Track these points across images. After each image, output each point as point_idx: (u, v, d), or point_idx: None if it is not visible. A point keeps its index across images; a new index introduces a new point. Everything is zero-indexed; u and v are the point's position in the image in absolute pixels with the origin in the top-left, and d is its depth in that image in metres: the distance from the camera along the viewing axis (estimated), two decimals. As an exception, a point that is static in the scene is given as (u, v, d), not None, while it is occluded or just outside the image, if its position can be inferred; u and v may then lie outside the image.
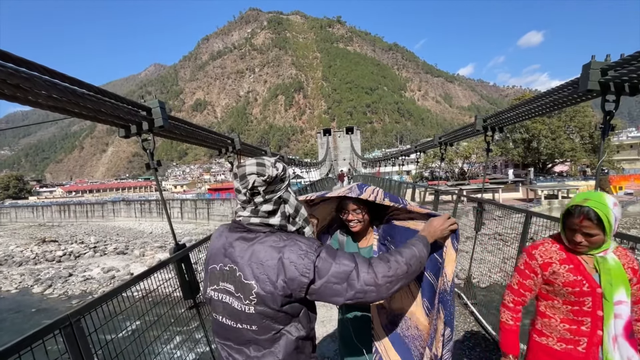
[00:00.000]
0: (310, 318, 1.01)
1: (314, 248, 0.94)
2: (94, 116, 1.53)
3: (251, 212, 0.99)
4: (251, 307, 0.93)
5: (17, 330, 13.25)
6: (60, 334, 1.01)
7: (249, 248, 0.95)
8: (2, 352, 0.84)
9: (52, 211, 50.59)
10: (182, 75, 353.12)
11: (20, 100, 1.21)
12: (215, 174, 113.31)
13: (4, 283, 19.77)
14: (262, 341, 0.95)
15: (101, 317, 1.29)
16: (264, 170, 0.97)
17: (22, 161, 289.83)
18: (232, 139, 3.09)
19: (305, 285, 0.91)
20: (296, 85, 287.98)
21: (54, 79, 1.22)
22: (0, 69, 1.02)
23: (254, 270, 0.92)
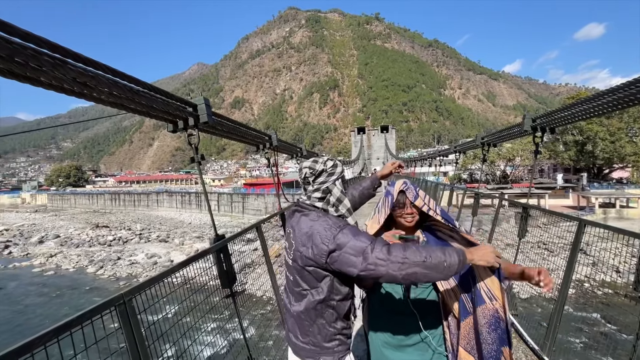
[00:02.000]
0: (334, 289, 1.19)
1: (338, 224, 1.16)
2: (146, 112, 1.65)
3: (306, 197, 1.31)
4: (290, 260, 1.25)
5: (74, 305, 14.70)
6: (115, 311, 1.11)
7: (299, 218, 1.26)
8: (68, 322, 0.93)
9: (104, 199, 55.31)
10: (223, 73, 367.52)
11: (86, 96, 1.33)
12: (251, 169, 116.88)
13: (64, 262, 21.98)
14: (295, 292, 1.24)
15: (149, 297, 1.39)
16: (314, 165, 1.29)
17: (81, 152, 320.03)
18: (269, 136, 3.17)
19: (325, 252, 1.12)
20: (331, 83, 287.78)
21: (115, 77, 1.32)
22: (71, 68, 1.13)
23: (297, 234, 1.23)
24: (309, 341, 1.21)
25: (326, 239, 1.12)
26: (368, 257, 1.05)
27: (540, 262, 4.10)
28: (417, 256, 1.04)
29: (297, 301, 1.23)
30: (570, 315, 10.92)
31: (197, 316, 1.85)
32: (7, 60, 0.97)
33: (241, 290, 2.07)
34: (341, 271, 1.13)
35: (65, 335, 0.91)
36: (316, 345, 1.21)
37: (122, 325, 1.11)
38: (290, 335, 1.28)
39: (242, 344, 2.21)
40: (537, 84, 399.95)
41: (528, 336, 3.00)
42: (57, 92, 1.25)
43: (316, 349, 1.21)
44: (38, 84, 1.16)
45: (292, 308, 1.25)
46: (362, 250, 1.07)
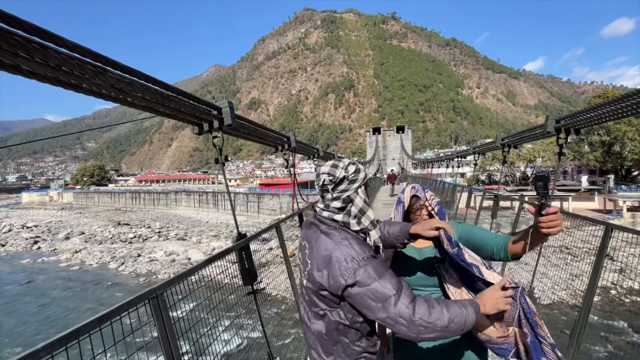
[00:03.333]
0: (354, 312, 1.06)
1: (362, 257, 1.02)
2: (175, 115, 1.72)
3: (324, 207, 1.16)
4: (305, 280, 1.12)
5: (97, 299, 15.30)
6: (149, 304, 1.18)
7: (316, 234, 1.12)
8: (107, 313, 1.00)
9: (126, 198, 57.25)
10: (240, 75, 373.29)
11: (121, 101, 1.41)
12: (266, 169, 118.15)
13: (88, 258, 22.90)
14: (313, 311, 1.11)
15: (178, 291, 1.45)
16: (334, 171, 1.13)
17: (104, 153, 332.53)
18: (288, 137, 3.22)
19: (342, 286, 1.00)
20: (347, 84, 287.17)
21: (148, 82, 1.40)
22: (110, 76, 1.21)
23: (314, 254, 1.08)
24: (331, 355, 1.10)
25: (346, 272, 0.99)
26: (389, 310, 0.95)
27: (563, 267, 3.98)
28: (442, 321, 0.95)
29: (316, 319, 1.11)
30: (595, 323, 10.47)
31: (220, 313, 1.92)
32: (56, 69, 1.06)
33: (262, 288, 2.12)
34: (355, 307, 1.04)
35: (106, 324, 0.98)
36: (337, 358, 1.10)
37: (155, 318, 1.18)
38: (312, 352, 1.16)
39: (261, 342, 2.26)
40: (561, 82, 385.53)
41: (550, 343, 2.92)
42: (96, 97, 1.34)
43: None
44: (80, 90, 1.24)
45: (312, 326, 1.12)
46: (385, 299, 0.96)
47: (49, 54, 0.99)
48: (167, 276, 17.63)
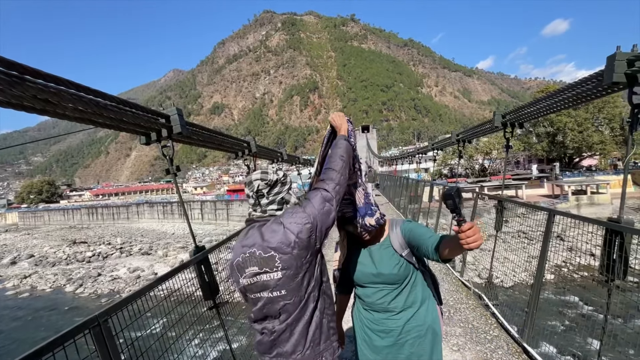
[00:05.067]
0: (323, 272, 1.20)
1: (296, 208, 1.18)
2: (116, 125, 1.61)
3: (261, 212, 1.22)
4: (278, 272, 1.10)
5: (52, 327, 14.03)
6: (90, 334, 1.07)
7: (259, 231, 1.16)
8: (37, 350, 0.90)
9: (81, 214, 53.11)
10: (200, 79, 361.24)
11: (49, 113, 1.28)
12: (234, 175, 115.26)
13: (39, 282, 20.94)
14: (290, 306, 1.11)
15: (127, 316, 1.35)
16: (266, 176, 1.23)
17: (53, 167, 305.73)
18: (248, 142, 3.14)
19: (309, 229, 1.11)
20: (311, 86, 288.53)
21: (79, 92, 1.29)
22: (30, 85, 1.09)
23: (269, 244, 1.11)
24: (311, 344, 1.12)
25: (302, 219, 1.12)
26: (331, 196, 1.18)
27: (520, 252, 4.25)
28: (338, 161, 1.25)
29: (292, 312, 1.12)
30: (550, 300, 11.35)
31: (183, 329, 1.82)
32: (-42, 80, 0.93)
33: (225, 301, 2.04)
34: (328, 228, 1.17)
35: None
36: (317, 344, 1.13)
37: (98, 349, 1.08)
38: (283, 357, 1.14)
39: (229, 356, 2.18)
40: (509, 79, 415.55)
41: (509, 325, 3.10)
42: (17, 109, 1.20)
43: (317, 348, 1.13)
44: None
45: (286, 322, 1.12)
46: (323, 198, 1.17)
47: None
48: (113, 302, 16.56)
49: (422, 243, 1.35)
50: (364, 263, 1.49)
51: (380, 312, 1.43)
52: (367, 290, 1.47)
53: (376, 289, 1.44)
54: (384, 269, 1.42)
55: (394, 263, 1.42)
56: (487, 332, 3.09)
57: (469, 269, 11.06)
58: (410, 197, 9.43)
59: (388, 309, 1.41)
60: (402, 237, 1.45)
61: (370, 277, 1.46)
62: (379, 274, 1.43)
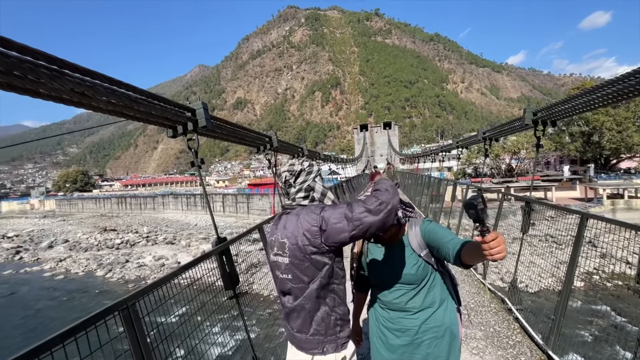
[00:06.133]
0: (334, 274, 1.25)
1: (318, 207, 1.27)
2: (145, 118, 1.67)
3: (291, 201, 1.36)
4: (286, 259, 1.25)
5: (84, 309, 14.89)
6: (119, 316, 1.13)
7: (285, 219, 1.32)
8: (72, 328, 0.96)
9: (111, 203, 55.87)
10: (224, 75, 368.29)
11: (85, 105, 1.35)
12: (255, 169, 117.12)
13: (73, 266, 22.28)
14: (295, 289, 1.26)
15: (153, 301, 1.41)
16: (292, 167, 1.35)
17: (87, 157, 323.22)
18: (269, 137, 3.18)
19: (317, 231, 1.19)
20: (333, 81, 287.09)
21: (112, 85, 1.34)
22: (69, 79, 1.15)
23: (288, 232, 1.26)
24: (314, 331, 1.24)
25: (314, 220, 1.19)
26: (351, 217, 1.15)
27: (548, 256, 4.07)
28: (384, 194, 1.16)
29: (298, 297, 1.25)
30: (579, 308, 10.76)
31: (204, 317, 1.88)
32: (6, 74, 1.00)
33: (245, 291, 2.09)
34: (336, 243, 1.19)
35: (70, 341, 0.93)
36: (320, 334, 1.24)
37: (126, 329, 1.14)
38: (293, 332, 1.30)
39: (247, 344, 2.23)
40: (542, 75, 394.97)
41: (533, 331, 2.99)
42: (56, 102, 1.28)
43: (320, 337, 1.24)
44: (37, 96, 1.19)
45: (294, 304, 1.27)
46: (344, 215, 1.16)
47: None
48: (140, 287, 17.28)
49: (442, 245, 1.32)
50: (381, 262, 1.48)
51: (396, 311, 1.42)
52: (384, 289, 1.46)
53: (393, 288, 1.43)
54: (401, 268, 1.41)
55: (412, 263, 1.40)
56: (509, 337, 2.99)
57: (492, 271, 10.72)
58: (432, 196, 9.23)
59: (405, 309, 1.40)
60: (420, 237, 1.42)
61: (387, 276, 1.44)
62: (396, 274, 1.41)
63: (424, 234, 1.41)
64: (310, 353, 1.25)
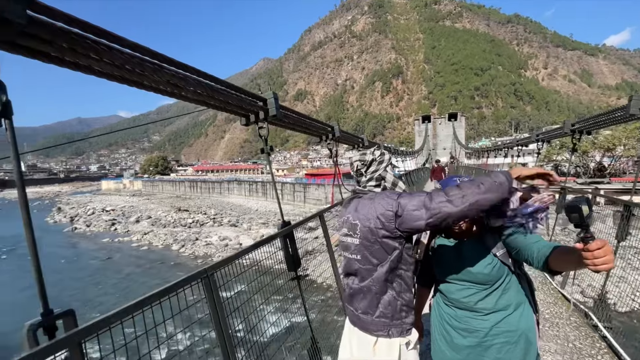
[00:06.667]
0: (402, 259, 1.27)
1: (395, 193, 1.30)
2: (223, 107, 1.81)
3: (362, 188, 1.41)
4: (357, 240, 1.30)
5: (162, 277, 16.99)
6: (201, 283, 1.28)
7: (357, 202, 1.35)
8: (166, 289, 1.11)
9: (185, 186, 62.27)
10: (286, 67, 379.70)
11: (176, 95, 1.52)
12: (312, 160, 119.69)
13: (154, 239, 25.49)
14: (362, 271, 1.29)
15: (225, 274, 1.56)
16: (363, 157, 1.40)
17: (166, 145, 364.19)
18: (332, 127, 3.22)
19: (392, 216, 1.20)
20: (395, 71, 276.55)
21: (199, 77, 1.49)
22: (166, 72, 1.30)
23: (360, 214, 1.30)
24: (380, 314, 1.27)
25: (389, 205, 1.22)
26: (429, 206, 1.14)
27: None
28: (472, 187, 1.12)
29: (365, 278, 1.28)
30: (686, 337, 9.02)
31: (266, 296, 2.02)
32: (120, 68, 1.17)
33: (305, 275, 2.18)
34: (411, 229, 1.20)
35: (165, 299, 1.09)
36: (386, 317, 1.26)
37: (206, 295, 1.28)
38: (357, 312, 1.32)
39: (304, 326, 2.34)
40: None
41: (626, 354, 2.60)
42: (154, 92, 1.46)
43: (386, 320, 1.26)
44: (141, 87, 1.37)
45: (360, 285, 1.30)
46: (422, 203, 1.16)
47: (114, 55, 1.09)
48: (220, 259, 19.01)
49: (525, 247, 1.22)
50: (450, 257, 1.41)
51: (464, 310, 1.35)
52: (451, 287, 1.39)
53: (461, 287, 1.36)
54: (472, 266, 1.33)
55: (486, 262, 1.31)
56: (593, 356, 2.65)
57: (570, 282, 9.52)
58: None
59: (474, 309, 1.32)
60: (499, 236, 1.32)
61: (455, 273, 1.37)
62: (466, 271, 1.34)
63: (504, 233, 1.31)
64: (375, 335, 1.27)
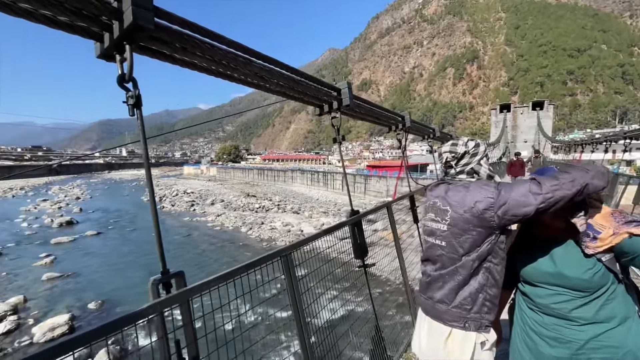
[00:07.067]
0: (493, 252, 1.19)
1: (494, 183, 1.23)
2: (300, 98, 1.90)
3: (450, 178, 1.35)
4: (445, 226, 1.25)
5: (232, 255, 18.66)
6: (280, 261, 1.39)
7: (447, 187, 1.31)
8: (253, 262, 1.23)
9: (253, 173, 66.81)
10: (352, 56, 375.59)
11: (261, 87, 1.64)
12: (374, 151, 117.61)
13: (226, 221, 28.01)
14: (445, 258, 1.25)
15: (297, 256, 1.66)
16: (455, 148, 1.32)
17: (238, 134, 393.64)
18: (402, 117, 3.13)
19: (492, 204, 1.14)
20: (469, 55, 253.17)
21: (282, 69, 1.58)
22: (255, 65, 1.41)
23: (450, 200, 1.25)
24: (458, 304, 1.21)
25: (489, 193, 1.16)
26: (539, 191, 1.09)
27: None
28: (580, 172, 1.10)
29: (446, 266, 1.24)
30: None
31: (334, 280, 2.09)
32: (217, 63, 1.31)
33: (372, 264, 2.21)
34: (516, 216, 1.13)
35: (251, 271, 1.21)
36: (464, 309, 1.21)
37: (284, 272, 1.40)
38: (431, 301, 1.29)
39: (368, 314, 2.37)
40: None
41: None
42: (242, 84, 1.59)
43: (463, 312, 1.21)
44: (232, 80, 1.51)
45: (440, 272, 1.26)
46: (527, 189, 1.11)
47: (215, 51, 1.23)
48: (283, 243, 20.11)
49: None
50: (539, 258, 1.28)
51: (554, 317, 1.22)
52: (539, 291, 1.27)
53: (553, 292, 1.23)
54: (568, 270, 1.19)
55: (586, 267, 1.16)
56: None
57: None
58: (598, 196, 7.24)
59: (568, 317, 1.19)
60: None
61: (545, 277, 1.25)
62: (560, 275, 1.21)
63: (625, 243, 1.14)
64: (450, 325, 1.22)
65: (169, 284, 0.98)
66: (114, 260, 17.52)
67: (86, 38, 1.00)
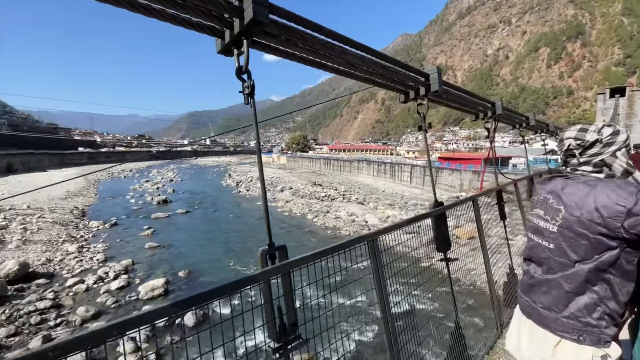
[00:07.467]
0: (617, 265, 1.00)
1: (631, 185, 0.99)
2: (387, 84, 1.88)
3: (570, 171, 1.16)
4: (555, 227, 1.11)
5: (298, 240, 19.54)
6: (367, 245, 1.43)
7: (564, 182, 1.14)
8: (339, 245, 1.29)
9: (320, 163, 68.40)
10: (426, 41, 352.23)
11: (351, 75, 1.67)
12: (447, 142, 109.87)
13: (294, 207, 29.37)
14: (554, 261, 1.11)
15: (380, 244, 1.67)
16: (583, 135, 1.12)
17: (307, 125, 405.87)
18: (493, 103, 2.86)
19: (621, 212, 0.95)
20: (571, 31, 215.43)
21: (373, 56, 1.58)
22: (348, 54, 1.44)
23: (565, 198, 1.09)
24: (571, 315, 1.08)
25: (621, 199, 0.96)
26: None
27: None
28: None
29: (554, 271, 1.11)
30: None
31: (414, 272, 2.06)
32: (315, 52, 1.37)
33: (455, 258, 2.11)
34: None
35: (342, 252, 1.28)
36: (578, 321, 1.07)
37: (370, 256, 1.43)
38: (536, 305, 1.18)
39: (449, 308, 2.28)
40: None
41: None
42: (335, 73, 1.64)
43: (578, 324, 1.07)
44: (324, 68, 1.56)
45: (545, 277, 1.14)
46: None
47: (315, 42, 1.29)
48: (347, 233, 20.32)
49: None
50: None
51: None
52: None
53: None
54: None
55: None
56: None
57: None
58: None
59: None
60: None
61: None
62: None
63: None
64: (560, 335, 1.11)
65: (274, 255, 1.10)
66: (198, 236, 19.88)
67: (210, 35, 1.14)
